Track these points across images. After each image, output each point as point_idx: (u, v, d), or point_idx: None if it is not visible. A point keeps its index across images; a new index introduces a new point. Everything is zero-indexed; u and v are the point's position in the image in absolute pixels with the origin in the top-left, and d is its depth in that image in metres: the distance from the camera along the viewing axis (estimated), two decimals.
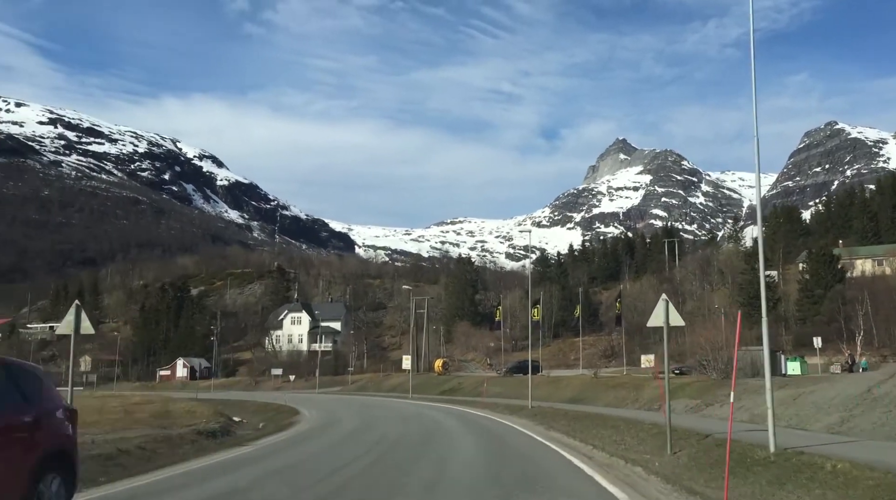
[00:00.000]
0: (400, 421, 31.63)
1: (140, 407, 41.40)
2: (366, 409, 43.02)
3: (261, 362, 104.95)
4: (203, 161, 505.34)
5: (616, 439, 19.63)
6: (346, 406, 46.22)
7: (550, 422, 26.98)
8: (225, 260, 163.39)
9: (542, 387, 50.36)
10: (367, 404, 48.60)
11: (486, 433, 24.93)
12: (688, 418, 26.55)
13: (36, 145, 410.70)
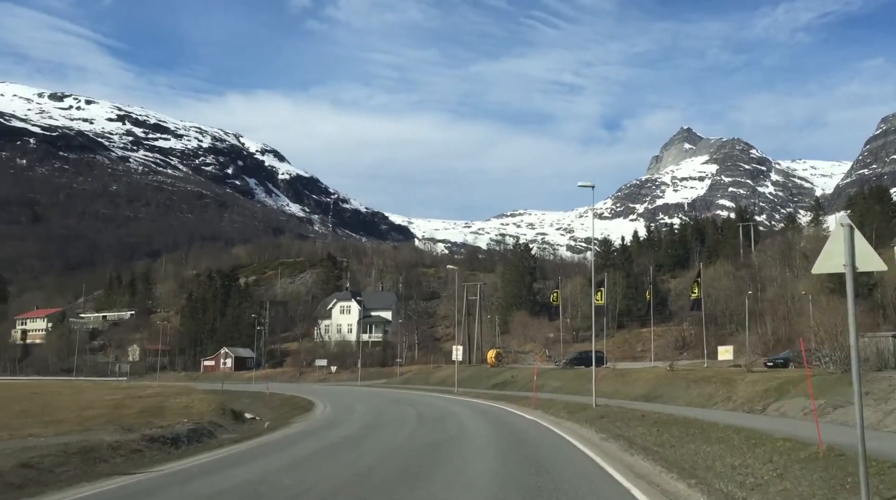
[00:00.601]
0: (415, 424, 24.82)
1: (140, 402, 35.47)
2: (392, 406, 36.24)
3: (308, 353, 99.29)
4: (265, 155, 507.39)
5: (737, 465, 12.04)
6: (371, 403, 39.46)
7: (623, 430, 19.26)
8: (277, 249, 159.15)
9: (607, 381, 42.60)
10: (397, 400, 41.63)
11: (525, 454, 16.21)
12: (811, 425, 18.62)
13: (105, 142, 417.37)
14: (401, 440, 19.71)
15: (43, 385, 62.04)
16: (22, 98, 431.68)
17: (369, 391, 55.34)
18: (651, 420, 20.48)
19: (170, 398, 35.16)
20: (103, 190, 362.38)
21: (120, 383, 67.22)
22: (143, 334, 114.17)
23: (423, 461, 15.10)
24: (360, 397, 44.64)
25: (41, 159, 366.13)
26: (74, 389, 54.50)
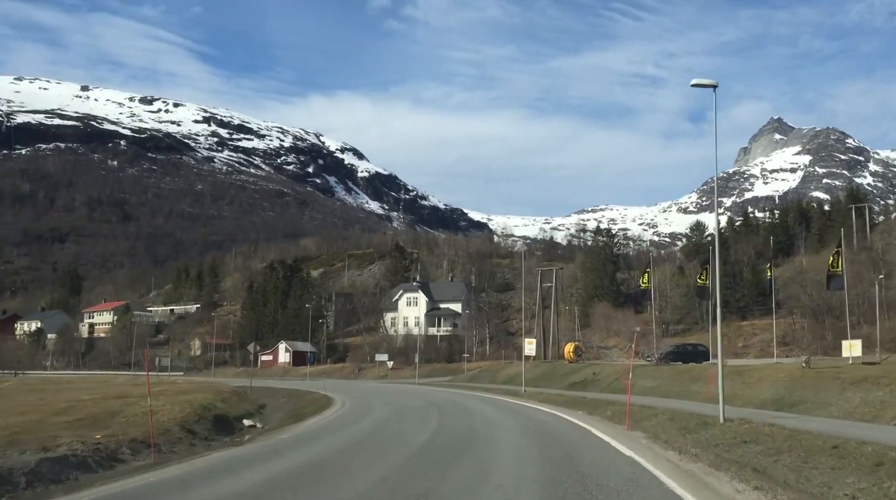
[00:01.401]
0: (411, 454, 15.23)
1: (98, 406, 27.41)
2: (415, 416, 26.61)
3: (372, 348, 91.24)
4: (345, 154, 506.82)
5: None
6: (407, 409, 30.19)
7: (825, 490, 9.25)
8: (346, 241, 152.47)
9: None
10: (440, 406, 31.65)
11: None
12: None
13: (191, 143, 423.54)
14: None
15: (68, 381, 55.59)
16: (114, 102, 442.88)
17: (414, 391, 46.07)
18: (857, 457, 10.64)
19: (140, 401, 26.81)
20: (189, 189, 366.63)
21: (152, 379, 59.96)
22: (206, 327, 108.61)
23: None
24: (393, 401, 35.57)
25: (131, 161, 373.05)
26: (89, 385, 47.63)
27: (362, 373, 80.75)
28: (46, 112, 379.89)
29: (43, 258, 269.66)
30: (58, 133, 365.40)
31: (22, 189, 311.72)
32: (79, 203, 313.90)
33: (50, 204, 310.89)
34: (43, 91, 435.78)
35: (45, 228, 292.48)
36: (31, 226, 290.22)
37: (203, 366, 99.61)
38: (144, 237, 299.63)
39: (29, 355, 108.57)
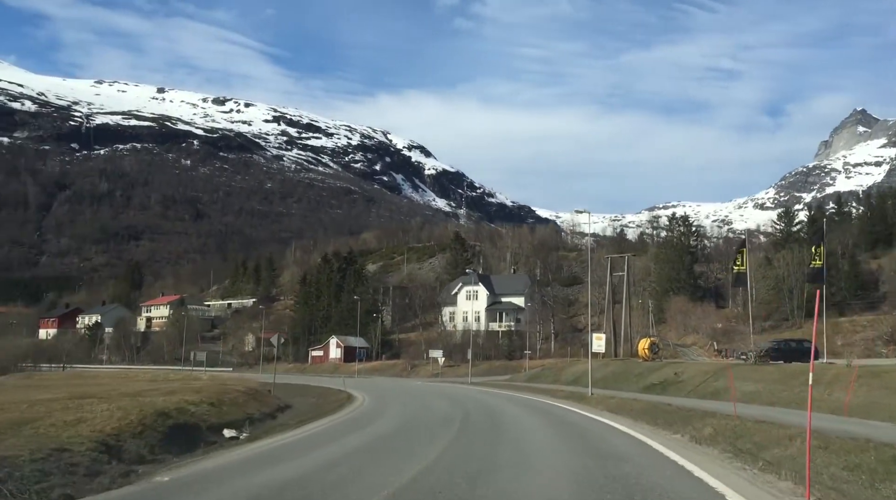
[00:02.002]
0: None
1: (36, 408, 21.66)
2: (442, 431, 19.23)
3: (428, 344, 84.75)
4: (412, 151, 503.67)
5: None
6: (418, 423, 22.93)
7: None
8: (407, 234, 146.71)
9: (845, 386, 24.53)
10: (469, 417, 23.70)
11: None
12: None
13: (261, 142, 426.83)
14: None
15: (95, 376, 50.85)
16: (188, 104, 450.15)
17: (456, 393, 38.68)
18: None
19: (94, 404, 20.75)
20: (259, 187, 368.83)
21: (178, 374, 55.17)
22: (260, 322, 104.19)
23: None
24: (413, 409, 28.47)
25: (203, 160, 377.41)
26: (108, 380, 42.62)
27: (415, 371, 74.54)
28: (124, 113, 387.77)
29: (119, 256, 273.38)
30: (134, 134, 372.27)
31: (100, 188, 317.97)
32: (153, 201, 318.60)
33: (126, 202, 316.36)
34: (121, 94, 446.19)
35: (121, 225, 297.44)
36: (109, 224, 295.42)
37: (255, 362, 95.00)
38: (215, 235, 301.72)
39: (85, 349, 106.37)
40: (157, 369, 70.48)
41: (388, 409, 27.13)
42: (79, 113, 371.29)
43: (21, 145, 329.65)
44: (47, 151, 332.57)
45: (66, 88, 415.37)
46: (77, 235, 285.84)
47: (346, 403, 29.40)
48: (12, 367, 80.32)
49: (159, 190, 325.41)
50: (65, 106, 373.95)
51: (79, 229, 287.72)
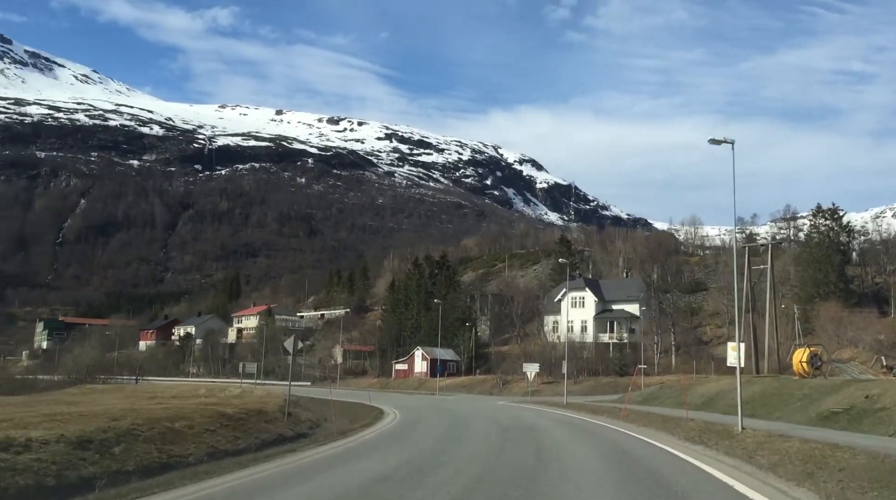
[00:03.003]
0: None
1: None
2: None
3: (527, 357, 73.06)
4: (523, 165, 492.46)
5: None
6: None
7: None
8: (509, 240, 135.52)
9: None
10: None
11: None
12: None
13: (373, 159, 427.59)
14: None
15: (142, 390, 42.99)
16: (304, 124, 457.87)
17: (533, 423, 26.78)
18: None
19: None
20: (370, 203, 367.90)
21: (214, 385, 46.39)
22: (350, 333, 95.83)
23: None
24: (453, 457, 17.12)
25: (317, 177, 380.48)
26: (146, 392, 34.15)
27: (507, 388, 63.33)
28: (243, 135, 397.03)
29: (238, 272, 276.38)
30: (253, 154, 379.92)
31: (220, 207, 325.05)
32: (270, 219, 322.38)
33: (244, 220, 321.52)
34: (243, 117, 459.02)
35: (239, 243, 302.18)
36: (229, 241, 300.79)
37: (342, 374, 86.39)
38: (329, 250, 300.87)
39: (176, 361, 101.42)
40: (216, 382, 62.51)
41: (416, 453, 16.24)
42: (202, 136, 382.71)
43: (149, 168, 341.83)
44: (173, 172, 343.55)
45: (193, 113, 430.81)
46: (199, 252, 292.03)
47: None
48: (86, 378, 75.78)
49: (275, 208, 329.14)
50: (190, 129, 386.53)
51: (200, 247, 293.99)
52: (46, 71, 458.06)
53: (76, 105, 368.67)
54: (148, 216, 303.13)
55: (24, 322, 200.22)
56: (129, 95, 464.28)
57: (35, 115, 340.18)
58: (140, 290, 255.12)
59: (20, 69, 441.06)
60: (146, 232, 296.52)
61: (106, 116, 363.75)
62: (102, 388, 56.51)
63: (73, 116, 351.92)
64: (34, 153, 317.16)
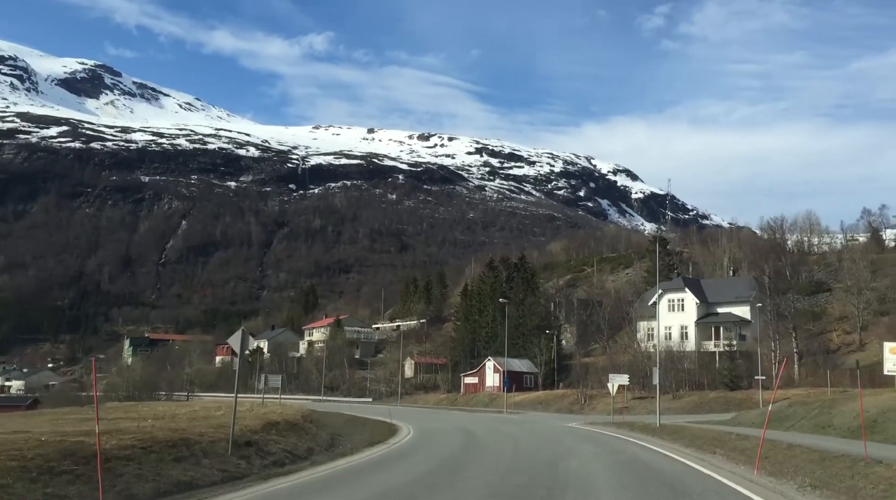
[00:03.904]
0: None
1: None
2: None
3: (616, 368, 61.76)
4: (617, 176, 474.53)
5: None
6: None
7: None
8: (599, 243, 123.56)
9: None
10: None
11: None
12: None
13: (464, 173, 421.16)
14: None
15: (171, 406, 35.72)
16: (395, 141, 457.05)
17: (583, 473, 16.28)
18: None
19: None
20: (461, 218, 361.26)
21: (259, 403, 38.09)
22: (423, 345, 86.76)
23: None
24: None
25: (408, 193, 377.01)
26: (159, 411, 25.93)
27: (591, 404, 52.58)
28: (335, 153, 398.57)
29: (331, 288, 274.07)
30: (344, 172, 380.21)
31: (314, 225, 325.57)
32: (362, 235, 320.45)
33: (337, 237, 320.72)
34: (336, 137, 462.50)
35: (332, 260, 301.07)
36: (322, 258, 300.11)
37: (411, 389, 77.47)
38: (420, 265, 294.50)
39: (243, 376, 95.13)
40: (258, 399, 54.59)
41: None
42: (296, 156, 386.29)
43: (246, 189, 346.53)
44: (268, 192, 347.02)
45: (288, 135, 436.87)
46: (293, 269, 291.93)
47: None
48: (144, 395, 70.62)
49: (367, 224, 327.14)
50: (284, 150, 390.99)
51: (295, 264, 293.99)
52: (153, 100, 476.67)
53: (178, 131, 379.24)
54: (245, 235, 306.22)
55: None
56: (229, 121, 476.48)
57: (139, 141, 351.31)
58: (237, 307, 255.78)
59: (129, 100, 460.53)
60: (243, 251, 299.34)
61: (205, 140, 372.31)
62: (119, 405, 49.91)
63: (175, 141, 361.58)
64: (139, 178, 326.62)
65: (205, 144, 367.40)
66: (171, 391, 74.86)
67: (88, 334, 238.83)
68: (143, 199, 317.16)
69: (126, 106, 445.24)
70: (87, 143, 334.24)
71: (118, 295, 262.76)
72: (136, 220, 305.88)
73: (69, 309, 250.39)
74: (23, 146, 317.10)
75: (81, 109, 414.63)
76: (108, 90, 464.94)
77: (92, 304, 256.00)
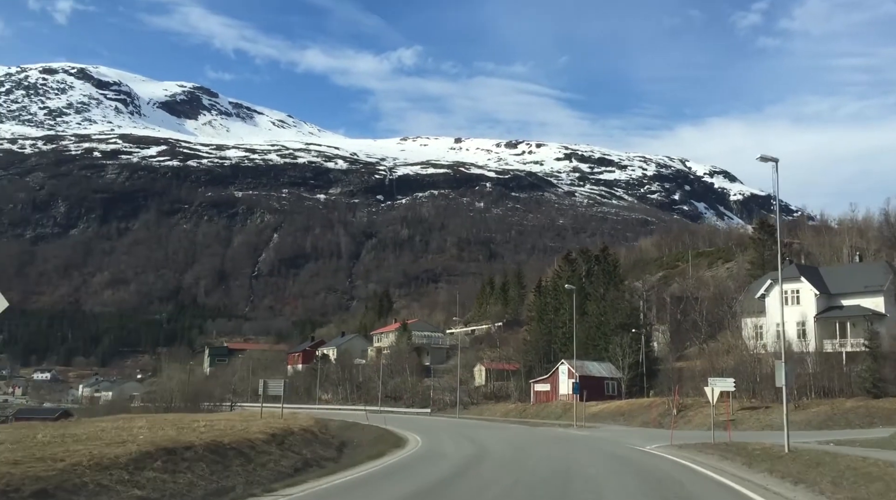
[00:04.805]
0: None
1: None
2: None
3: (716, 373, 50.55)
4: (714, 177, 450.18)
5: None
6: None
7: None
8: (693, 237, 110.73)
9: None
10: None
11: None
12: None
13: (553, 180, 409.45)
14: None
15: (193, 418, 28.66)
16: (482, 150, 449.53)
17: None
18: None
19: None
20: (551, 224, 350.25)
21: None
22: (497, 351, 77.31)
23: None
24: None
25: (496, 201, 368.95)
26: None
27: (685, 415, 41.93)
28: (422, 163, 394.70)
29: (417, 298, 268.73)
30: (431, 181, 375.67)
31: (401, 235, 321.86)
32: (450, 244, 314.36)
33: (425, 247, 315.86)
34: (423, 147, 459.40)
35: (420, 269, 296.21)
36: (410, 268, 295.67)
37: (480, 399, 68.23)
38: (509, 274, 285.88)
39: (307, 385, 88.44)
40: (293, 408, 46.64)
41: None
42: (383, 167, 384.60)
43: (335, 201, 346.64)
44: (356, 203, 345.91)
45: (376, 147, 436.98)
46: (382, 280, 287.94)
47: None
48: (187, 405, 64.62)
49: (455, 233, 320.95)
50: (372, 162, 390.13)
51: (384, 275, 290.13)
52: (248, 119, 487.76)
53: (269, 146, 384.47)
54: (334, 247, 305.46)
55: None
56: (320, 136, 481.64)
57: (233, 158, 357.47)
58: (327, 318, 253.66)
59: (225, 119, 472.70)
60: (332, 262, 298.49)
61: (295, 155, 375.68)
62: (133, 415, 43.26)
63: (266, 157, 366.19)
64: (232, 193, 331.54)
65: (295, 159, 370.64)
66: (220, 401, 68.57)
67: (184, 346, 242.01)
68: (237, 213, 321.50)
69: (222, 125, 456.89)
70: (183, 161, 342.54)
71: (213, 308, 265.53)
72: (230, 234, 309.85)
73: (167, 322, 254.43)
74: (125, 166, 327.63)
75: (181, 129, 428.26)
76: (205, 111, 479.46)
77: (188, 317, 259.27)
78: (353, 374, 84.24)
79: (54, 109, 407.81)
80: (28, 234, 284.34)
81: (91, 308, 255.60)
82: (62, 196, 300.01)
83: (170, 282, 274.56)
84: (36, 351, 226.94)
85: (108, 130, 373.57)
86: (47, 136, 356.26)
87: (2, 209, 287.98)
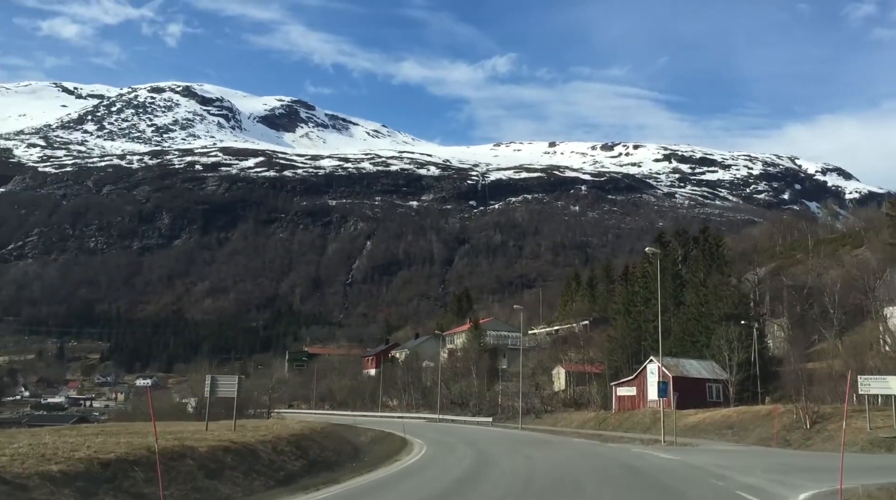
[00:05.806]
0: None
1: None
2: None
3: (855, 374, 38.47)
4: (827, 175, 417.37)
5: None
6: None
7: None
8: (813, 223, 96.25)
9: None
10: None
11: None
12: None
13: (651, 181, 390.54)
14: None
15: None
16: (577, 153, 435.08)
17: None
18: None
19: None
20: (650, 227, 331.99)
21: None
22: (579, 353, 66.69)
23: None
24: None
25: (591, 204, 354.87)
26: None
27: (819, 430, 30.54)
28: (515, 167, 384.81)
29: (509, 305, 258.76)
30: (525, 185, 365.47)
31: (494, 240, 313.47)
32: (544, 249, 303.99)
33: (518, 252, 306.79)
34: (516, 153, 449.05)
35: (514, 275, 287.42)
36: (503, 273, 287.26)
37: (559, 406, 57.94)
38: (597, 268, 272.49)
39: (371, 390, 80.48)
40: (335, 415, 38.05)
41: None
42: (476, 173, 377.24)
43: (427, 207, 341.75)
44: (449, 209, 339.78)
45: (469, 153, 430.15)
46: (475, 286, 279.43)
47: None
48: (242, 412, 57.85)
49: (549, 237, 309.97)
50: (465, 168, 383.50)
51: (476, 281, 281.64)
52: (343, 130, 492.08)
53: (363, 155, 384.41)
54: (427, 253, 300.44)
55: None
56: (413, 144, 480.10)
57: (327, 167, 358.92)
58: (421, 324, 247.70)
59: (321, 131, 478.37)
60: (425, 269, 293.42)
61: (388, 163, 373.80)
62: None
63: (360, 165, 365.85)
64: (327, 202, 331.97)
65: (387, 166, 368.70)
66: (261, 407, 61.60)
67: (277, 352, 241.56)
68: (331, 222, 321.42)
69: (319, 137, 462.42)
70: (280, 171, 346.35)
71: (308, 315, 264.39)
72: (325, 242, 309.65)
73: (263, 329, 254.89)
74: (224, 178, 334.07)
75: (279, 142, 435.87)
76: (302, 123, 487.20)
77: (284, 324, 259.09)
78: (420, 378, 75.39)
79: (161, 126, 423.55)
80: (135, 245, 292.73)
81: (192, 316, 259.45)
82: (166, 208, 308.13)
83: (267, 290, 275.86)
84: (140, 358, 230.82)
85: (210, 145, 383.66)
86: (153, 151, 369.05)
87: (111, 222, 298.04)
